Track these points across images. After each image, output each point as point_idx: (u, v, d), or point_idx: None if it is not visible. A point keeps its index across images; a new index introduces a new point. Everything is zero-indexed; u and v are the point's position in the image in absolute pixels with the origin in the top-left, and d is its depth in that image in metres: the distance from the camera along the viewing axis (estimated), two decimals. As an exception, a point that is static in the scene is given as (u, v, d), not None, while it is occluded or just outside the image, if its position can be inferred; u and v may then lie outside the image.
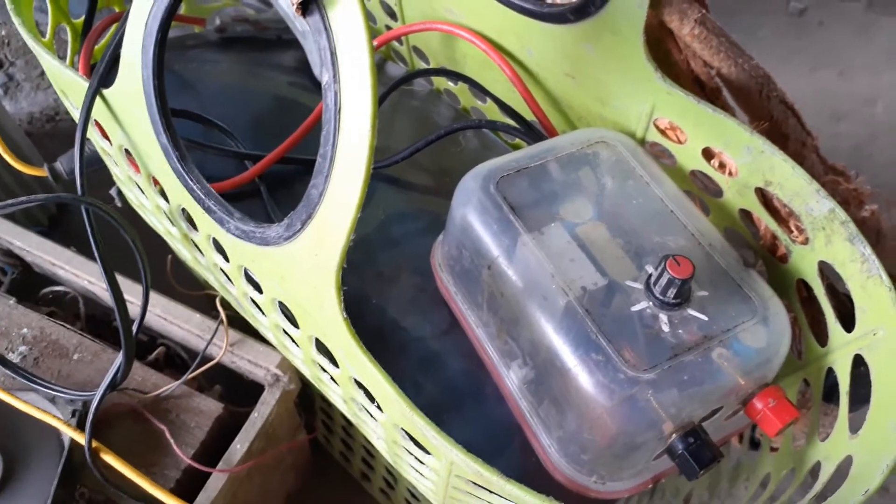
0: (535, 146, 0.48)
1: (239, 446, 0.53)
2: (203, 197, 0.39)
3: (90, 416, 0.46)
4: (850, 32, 1.22)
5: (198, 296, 0.63)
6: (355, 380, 0.38)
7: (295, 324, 0.41)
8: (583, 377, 0.38)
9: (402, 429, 0.38)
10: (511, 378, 0.45)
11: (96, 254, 0.42)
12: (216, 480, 0.52)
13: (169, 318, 0.58)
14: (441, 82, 0.63)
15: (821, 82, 1.15)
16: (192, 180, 0.39)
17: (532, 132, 0.53)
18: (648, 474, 0.42)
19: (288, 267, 0.36)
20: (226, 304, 0.57)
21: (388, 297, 0.52)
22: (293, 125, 0.55)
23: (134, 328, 0.46)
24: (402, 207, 0.56)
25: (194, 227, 0.44)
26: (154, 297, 0.59)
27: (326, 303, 0.35)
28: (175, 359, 0.62)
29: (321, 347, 0.40)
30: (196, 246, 0.47)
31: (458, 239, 0.45)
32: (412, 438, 0.38)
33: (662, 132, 0.47)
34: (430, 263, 0.50)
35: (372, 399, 0.38)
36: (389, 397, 0.34)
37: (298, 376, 0.58)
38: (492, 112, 0.59)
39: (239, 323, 0.58)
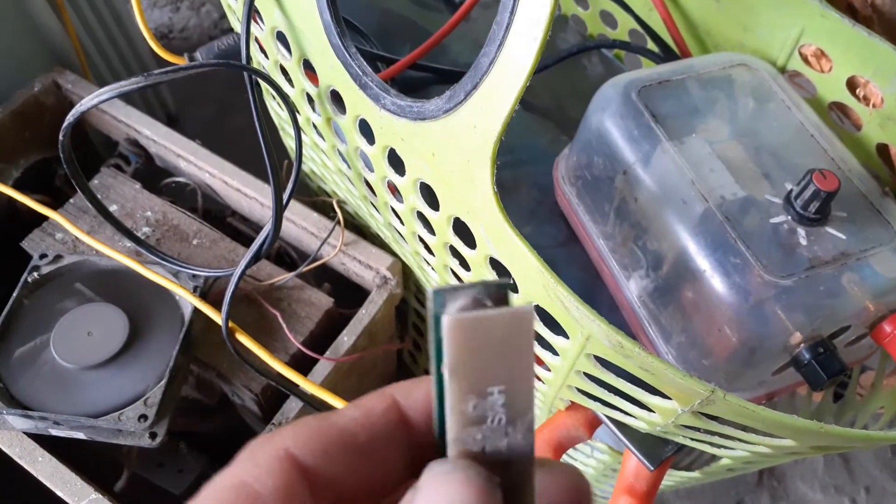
0: (674, 63, 0.48)
1: (346, 338, 0.55)
2: (360, 74, 0.41)
3: (230, 289, 0.48)
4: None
5: (309, 202, 0.65)
6: (490, 260, 0.39)
7: (433, 207, 0.42)
8: (718, 279, 0.39)
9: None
10: (630, 288, 0.45)
11: (257, 123, 0.43)
12: (323, 367, 0.54)
13: (287, 214, 0.60)
14: (569, 6, 0.63)
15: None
16: (351, 56, 0.41)
17: (668, 57, 0.53)
18: (763, 390, 0.43)
19: (442, 141, 0.37)
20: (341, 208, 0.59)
21: (507, 208, 0.52)
22: (423, 37, 0.56)
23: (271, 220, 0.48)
24: (524, 125, 0.57)
25: (340, 111, 0.45)
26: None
27: (479, 175, 0.36)
28: (285, 257, 0.64)
29: (458, 230, 0.41)
30: (337, 135, 0.49)
31: (591, 146, 0.46)
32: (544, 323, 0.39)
33: (806, 60, 0.47)
34: (553, 177, 0.51)
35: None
36: (531, 270, 0.35)
37: (403, 284, 0.60)
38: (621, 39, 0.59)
39: (352, 227, 0.60)
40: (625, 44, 0.56)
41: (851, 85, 0.45)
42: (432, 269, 0.49)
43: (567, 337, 0.37)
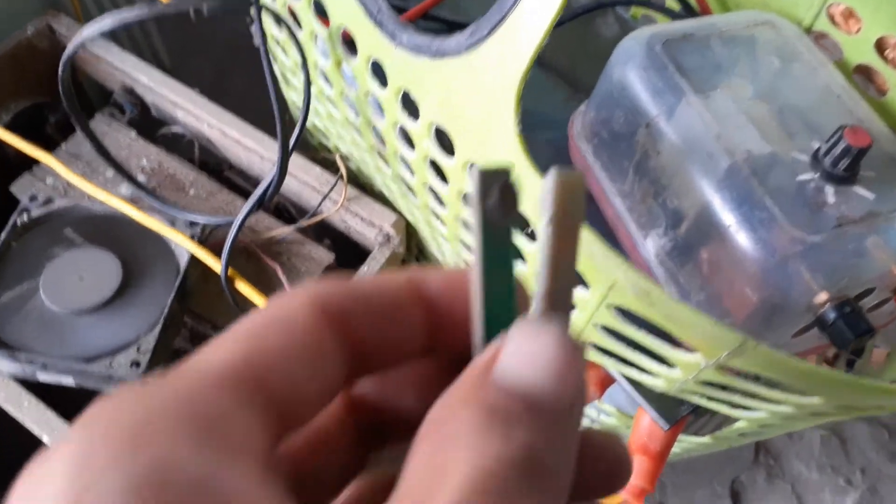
0: (698, 20, 0.46)
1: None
2: (376, 10, 0.39)
3: (232, 234, 0.46)
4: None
5: (311, 157, 0.64)
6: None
7: (448, 153, 0.40)
8: (744, 234, 0.37)
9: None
10: (647, 248, 0.44)
11: (264, 58, 0.42)
12: (322, 324, 0.52)
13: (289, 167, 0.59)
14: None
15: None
16: (368, -9, 0.39)
17: (688, 15, 0.52)
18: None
19: (462, 80, 0.36)
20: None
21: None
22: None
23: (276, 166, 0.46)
24: (536, 84, 0.56)
25: (351, 52, 0.43)
26: (275, 146, 0.59)
27: (501, 116, 0.34)
28: (283, 212, 0.62)
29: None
30: (342, 79, 0.47)
31: (612, 99, 0.44)
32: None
33: (833, 20, 0.46)
34: (568, 135, 0.50)
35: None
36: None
37: (405, 244, 0.58)
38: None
39: (354, 185, 0.58)
40: (645, 1, 0.55)
41: (880, 46, 0.44)
42: (442, 222, 0.47)
43: (587, 286, 0.36)
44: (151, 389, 0.14)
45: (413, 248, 0.62)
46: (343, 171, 0.57)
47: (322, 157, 0.63)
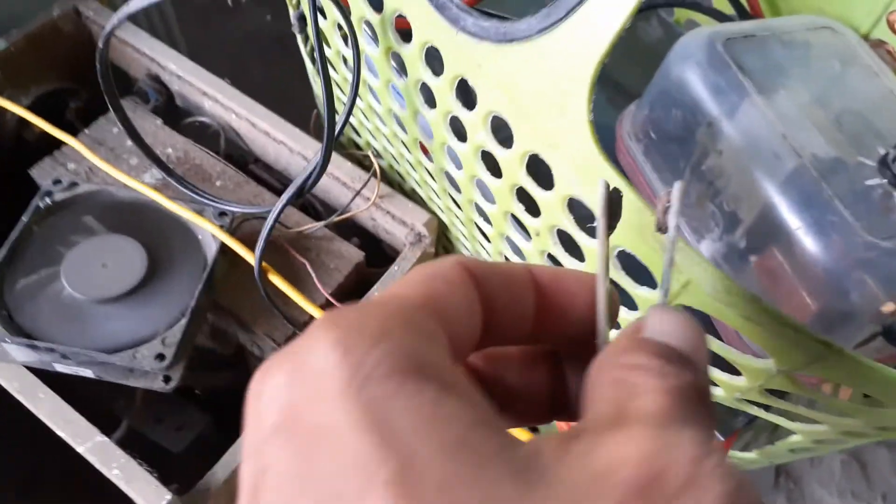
0: (753, 22, 0.45)
1: (377, 293, 0.52)
2: (437, -8, 0.38)
3: (269, 225, 0.44)
4: None
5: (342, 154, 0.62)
6: (569, 202, 0.37)
7: (505, 144, 0.39)
8: (812, 238, 0.36)
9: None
10: (701, 251, 0.43)
11: (314, 35, 0.40)
12: (352, 323, 0.51)
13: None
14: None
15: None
16: (429, -28, 0.37)
17: (742, 18, 0.51)
18: (839, 366, 0.40)
19: (530, 65, 0.34)
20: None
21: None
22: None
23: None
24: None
25: (404, 39, 0.42)
26: (306, 139, 0.58)
27: (573, 103, 0.33)
28: (310, 209, 0.60)
29: (533, 168, 0.38)
30: (392, 68, 0.45)
31: (668, 98, 0.43)
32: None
33: (892, 28, 0.45)
34: (616, 135, 0.48)
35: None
36: (626, 208, 0.32)
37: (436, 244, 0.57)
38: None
39: (384, 181, 0.57)
40: (695, 3, 0.54)
41: (942, 55, 0.43)
42: (486, 220, 0.46)
43: (654, 287, 0.34)
44: (371, 307, 0.17)
45: (440, 249, 0.61)
46: (376, 166, 0.55)
47: (349, 153, 0.61)
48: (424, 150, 0.49)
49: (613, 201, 0.23)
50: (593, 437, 0.16)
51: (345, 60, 0.51)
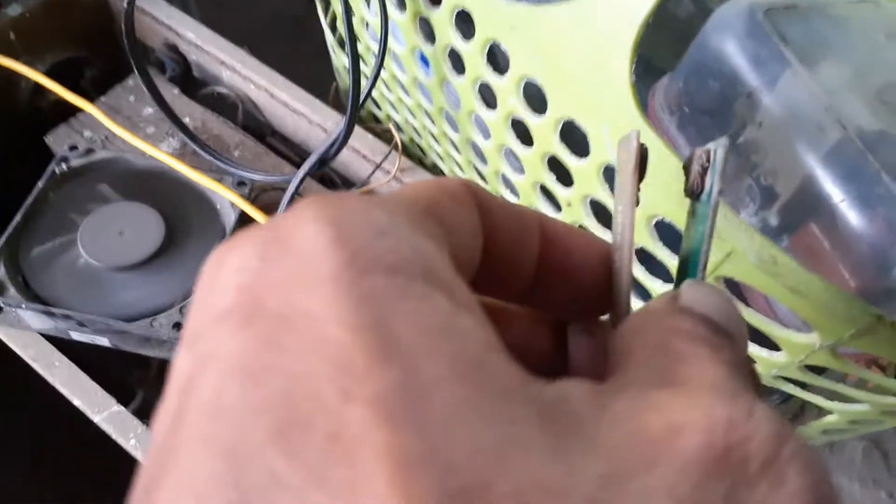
0: (796, -6, 0.44)
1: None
2: (472, -48, 0.36)
3: (290, 192, 0.43)
4: None
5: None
6: (605, 170, 0.35)
7: (537, 110, 0.38)
8: (855, 211, 0.35)
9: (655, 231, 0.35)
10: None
11: (342, 4, 0.39)
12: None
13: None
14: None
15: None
16: (465, -70, 0.36)
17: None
18: (877, 346, 0.39)
19: (570, 27, 0.33)
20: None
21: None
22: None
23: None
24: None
25: (433, 3, 0.41)
26: (326, 110, 0.57)
27: (614, 65, 0.32)
28: (328, 182, 0.59)
29: (566, 136, 0.37)
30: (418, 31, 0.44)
31: (705, 69, 0.42)
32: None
33: (938, 2, 0.43)
34: (648, 107, 0.47)
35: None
36: (667, 172, 0.31)
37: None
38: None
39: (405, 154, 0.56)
40: (731, -24, 0.52)
41: None
42: (513, 192, 0.44)
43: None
44: (372, 198, 0.14)
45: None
46: (397, 139, 0.54)
47: (368, 126, 0.60)
48: (451, 120, 0.48)
49: (643, 157, 0.20)
50: (640, 396, 0.13)
51: (367, 26, 0.49)
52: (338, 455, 0.10)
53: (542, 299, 0.19)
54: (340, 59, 0.59)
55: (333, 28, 0.56)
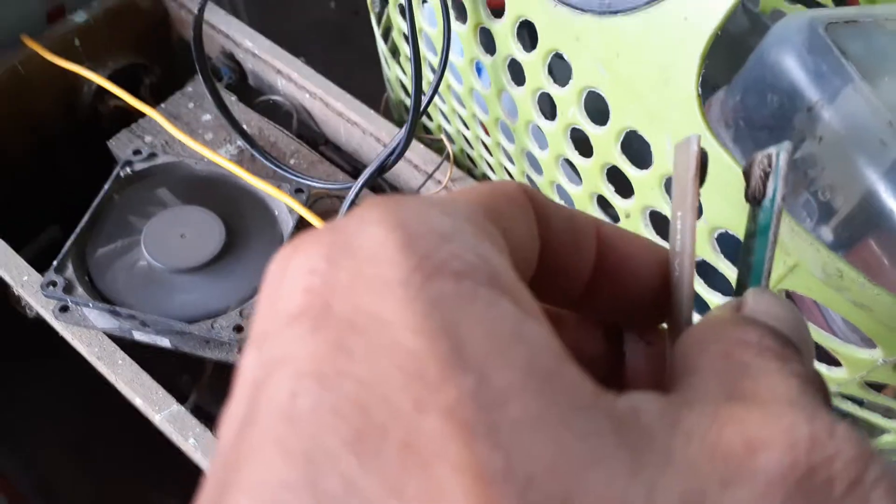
0: (856, 7, 0.44)
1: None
2: (536, -34, 0.37)
3: (349, 198, 0.44)
4: None
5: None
6: (666, 181, 0.36)
7: (598, 122, 0.38)
8: (920, 227, 0.35)
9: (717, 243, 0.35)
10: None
11: (407, 7, 0.40)
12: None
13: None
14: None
15: None
16: (530, -55, 0.37)
17: (837, 4, 0.50)
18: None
19: (636, 38, 0.34)
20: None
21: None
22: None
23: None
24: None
25: (496, 15, 0.42)
26: (380, 121, 0.57)
27: (681, 76, 0.32)
28: (379, 192, 0.60)
29: (626, 147, 0.37)
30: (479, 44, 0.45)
31: (764, 83, 0.42)
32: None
33: None
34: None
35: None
36: (734, 186, 0.32)
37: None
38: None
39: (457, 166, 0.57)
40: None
41: None
42: (567, 202, 0.45)
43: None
44: (435, 199, 0.14)
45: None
46: (449, 149, 0.55)
47: (418, 137, 0.61)
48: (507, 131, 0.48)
49: (703, 161, 0.20)
50: (712, 410, 0.13)
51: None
52: (414, 465, 0.10)
53: (596, 305, 0.19)
54: (393, 70, 0.60)
55: (386, 38, 0.57)
